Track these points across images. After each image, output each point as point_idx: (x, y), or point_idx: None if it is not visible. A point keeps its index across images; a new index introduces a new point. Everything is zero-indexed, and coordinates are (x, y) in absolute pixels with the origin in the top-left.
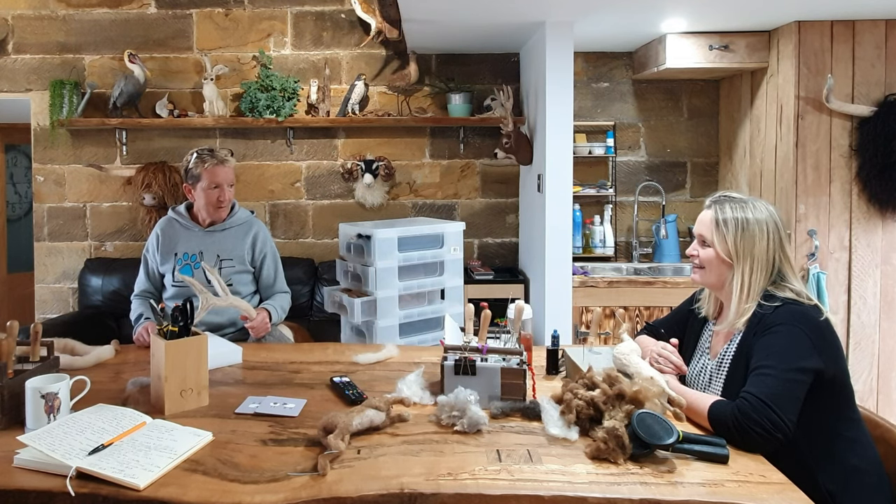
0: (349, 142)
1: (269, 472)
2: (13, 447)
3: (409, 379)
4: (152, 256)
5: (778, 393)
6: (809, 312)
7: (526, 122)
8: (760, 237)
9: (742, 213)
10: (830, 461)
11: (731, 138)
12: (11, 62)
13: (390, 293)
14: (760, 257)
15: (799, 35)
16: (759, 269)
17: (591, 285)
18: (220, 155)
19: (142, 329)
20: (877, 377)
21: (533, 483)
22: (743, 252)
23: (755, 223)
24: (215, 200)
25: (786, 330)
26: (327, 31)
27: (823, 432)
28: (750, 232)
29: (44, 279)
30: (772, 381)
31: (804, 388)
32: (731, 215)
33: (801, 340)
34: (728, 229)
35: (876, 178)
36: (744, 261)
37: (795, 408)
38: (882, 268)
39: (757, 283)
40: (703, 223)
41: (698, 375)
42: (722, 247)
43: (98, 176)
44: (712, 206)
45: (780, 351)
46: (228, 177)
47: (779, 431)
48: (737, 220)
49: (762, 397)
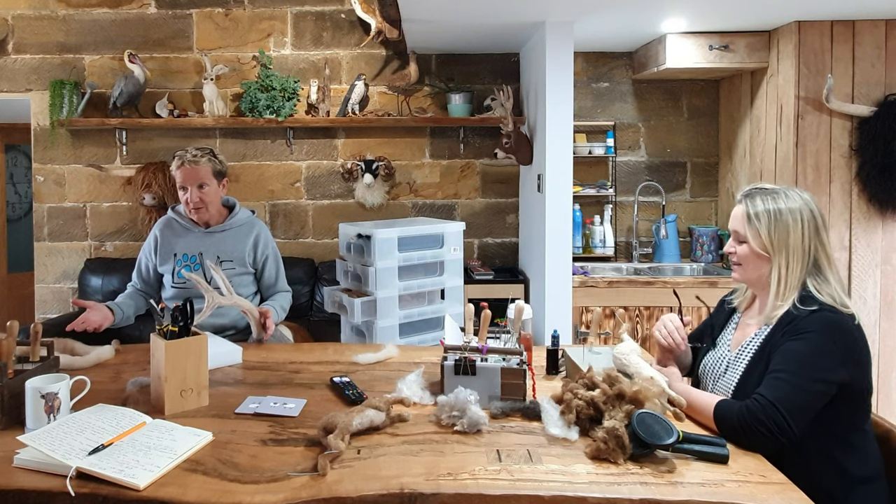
0: (349, 142)
1: (269, 472)
2: (13, 447)
3: (409, 379)
4: (147, 257)
5: (790, 399)
6: (845, 323)
7: (526, 122)
8: (794, 227)
9: (773, 204)
10: (838, 469)
11: (731, 138)
12: (11, 62)
13: (390, 293)
14: (796, 248)
15: (799, 35)
16: (795, 261)
17: (591, 285)
18: (187, 155)
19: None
20: (877, 377)
21: (533, 483)
22: (778, 244)
23: (787, 212)
24: (185, 201)
25: (815, 338)
26: (327, 31)
27: (837, 441)
28: (783, 222)
29: (44, 279)
30: (787, 386)
31: (821, 399)
32: (763, 207)
33: (829, 351)
34: (761, 222)
35: (876, 178)
36: (779, 253)
37: (806, 416)
38: (882, 268)
39: (794, 274)
40: (735, 219)
41: (714, 365)
42: (756, 241)
43: (98, 176)
44: (743, 201)
45: (803, 358)
46: (196, 177)
47: (783, 436)
48: (768, 211)
49: (773, 400)
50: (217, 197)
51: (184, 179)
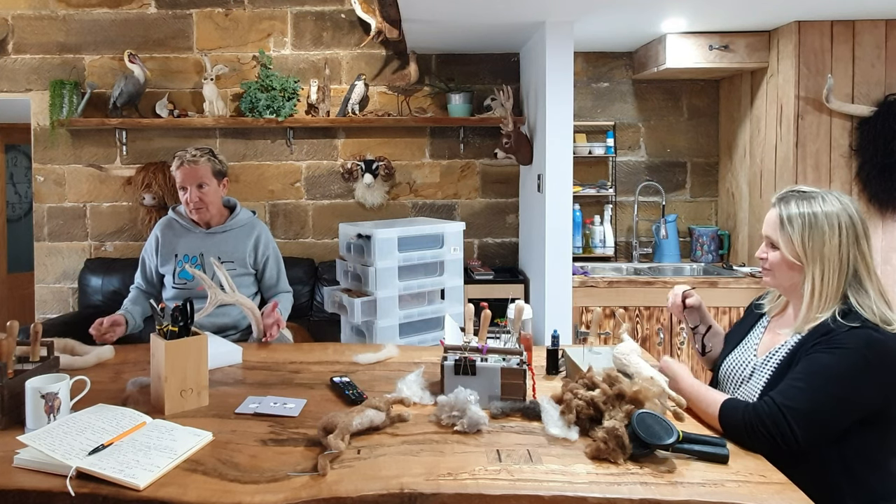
0: (349, 142)
1: (269, 472)
2: (13, 447)
3: (409, 379)
4: (150, 257)
5: (801, 408)
6: (887, 343)
7: (526, 122)
8: (831, 234)
9: (809, 208)
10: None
11: (731, 138)
12: (11, 62)
13: (390, 293)
14: (832, 257)
15: (799, 35)
16: (830, 271)
17: (591, 285)
18: (186, 155)
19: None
20: None
21: (533, 483)
22: (812, 252)
23: (824, 217)
24: (185, 201)
25: (850, 355)
26: (327, 31)
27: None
28: (819, 229)
29: (44, 279)
30: (801, 395)
31: (841, 418)
32: (797, 211)
33: (861, 372)
34: (794, 228)
35: (876, 178)
36: (813, 263)
37: (816, 429)
38: (882, 268)
39: (829, 286)
40: (768, 224)
41: (736, 369)
42: (789, 248)
43: (98, 176)
44: (777, 204)
45: (828, 372)
46: (195, 177)
47: (785, 443)
48: (803, 215)
49: (781, 406)
50: (217, 197)
51: (183, 179)
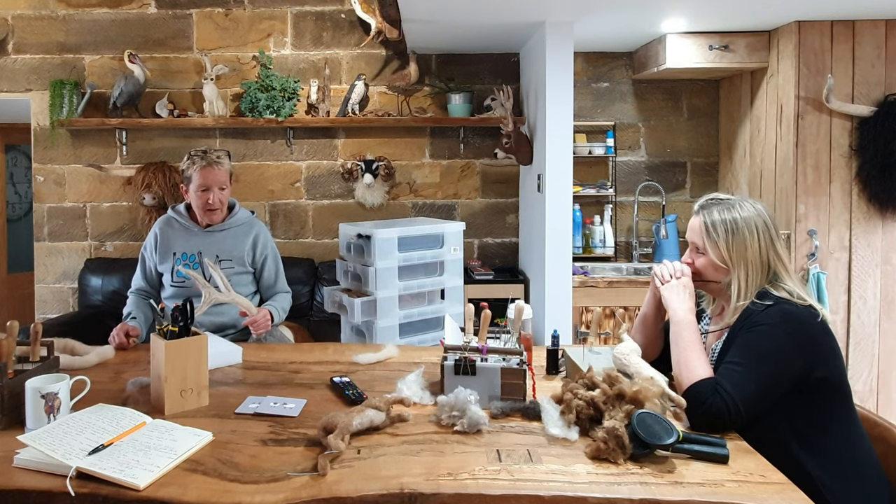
0: (349, 142)
1: (269, 472)
2: (13, 447)
3: (409, 379)
4: (150, 256)
5: (741, 384)
6: (800, 314)
7: (526, 122)
8: (752, 239)
9: (729, 214)
10: (827, 459)
11: (731, 138)
12: (11, 62)
13: (390, 293)
14: (754, 260)
15: (799, 35)
16: (753, 272)
17: (591, 285)
18: (211, 156)
19: (117, 329)
20: (877, 377)
21: (533, 483)
22: (736, 256)
23: (743, 223)
24: (205, 203)
25: (768, 330)
26: (327, 31)
27: (817, 432)
28: (741, 234)
29: (44, 279)
30: (737, 375)
31: (775, 388)
32: (720, 217)
33: (783, 342)
34: (719, 234)
35: (876, 178)
36: (738, 265)
37: (756, 406)
38: (882, 268)
39: (753, 285)
40: (693, 230)
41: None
42: (715, 253)
43: (98, 176)
44: (700, 212)
45: (754, 349)
46: (218, 179)
47: (732, 420)
48: (725, 222)
49: (725, 386)
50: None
51: (207, 180)
